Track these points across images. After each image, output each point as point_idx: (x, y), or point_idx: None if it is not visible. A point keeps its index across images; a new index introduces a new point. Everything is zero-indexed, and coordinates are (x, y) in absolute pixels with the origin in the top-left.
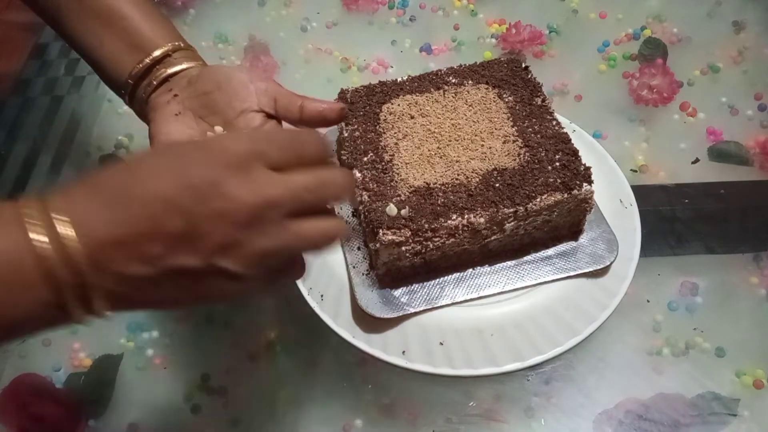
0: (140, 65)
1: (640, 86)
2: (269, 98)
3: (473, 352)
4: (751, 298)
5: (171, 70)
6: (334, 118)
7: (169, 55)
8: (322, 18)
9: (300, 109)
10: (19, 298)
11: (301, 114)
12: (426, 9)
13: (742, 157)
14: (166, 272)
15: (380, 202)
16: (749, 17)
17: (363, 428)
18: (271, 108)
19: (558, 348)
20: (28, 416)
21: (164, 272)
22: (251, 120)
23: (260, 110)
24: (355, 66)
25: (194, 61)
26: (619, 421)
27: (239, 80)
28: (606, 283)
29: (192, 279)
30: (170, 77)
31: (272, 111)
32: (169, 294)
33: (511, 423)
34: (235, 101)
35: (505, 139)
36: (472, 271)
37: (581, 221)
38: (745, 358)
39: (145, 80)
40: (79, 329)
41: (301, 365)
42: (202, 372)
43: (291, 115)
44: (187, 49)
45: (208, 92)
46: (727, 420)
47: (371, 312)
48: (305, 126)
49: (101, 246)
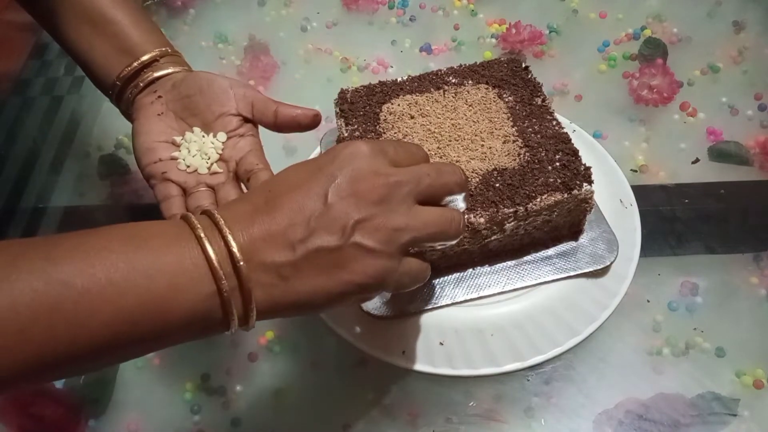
0: (129, 68)
1: (640, 86)
2: (247, 103)
3: (473, 352)
4: (751, 298)
5: (157, 73)
6: (308, 124)
7: (156, 60)
8: (322, 18)
9: (275, 113)
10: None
11: (276, 119)
12: (426, 9)
13: (742, 157)
14: (307, 254)
15: None
16: (749, 17)
17: (363, 428)
18: (248, 112)
19: (558, 348)
20: (28, 416)
21: (306, 254)
22: (228, 122)
23: (238, 114)
24: (355, 66)
25: (180, 66)
26: (619, 421)
27: (220, 85)
28: (606, 283)
29: (332, 259)
30: (156, 80)
31: (249, 115)
32: (315, 281)
33: (511, 423)
34: (214, 105)
35: (505, 139)
36: (472, 271)
37: (581, 221)
38: (745, 358)
39: (132, 82)
40: None
41: (301, 365)
42: (202, 372)
43: (266, 119)
44: (174, 55)
45: (190, 95)
46: (727, 420)
47: (371, 312)
48: (280, 131)
49: (253, 241)
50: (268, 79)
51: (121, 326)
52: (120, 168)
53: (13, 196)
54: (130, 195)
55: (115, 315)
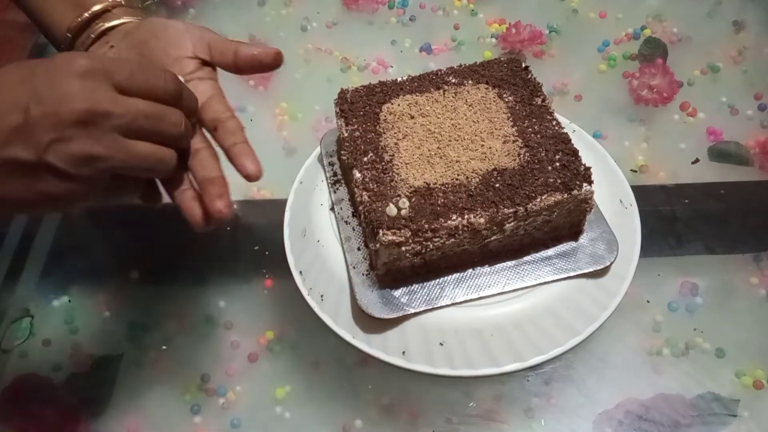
0: (79, 19)
1: (640, 86)
2: (204, 45)
3: (473, 353)
4: (751, 298)
5: (109, 24)
6: (270, 63)
7: (108, 11)
8: (322, 18)
9: (234, 54)
10: None
11: (236, 59)
12: (426, 9)
13: (742, 157)
14: (1, 163)
15: (380, 202)
16: (749, 17)
17: (363, 428)
18: (206, 54)
19: (558, 348)
20: (28, 416)
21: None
22: (185, 66)
23: (195, 56)
24: (355, 66)
25: (133, 16)
26: (619, 421)
27: (175, 28)
28: (606, 284)
29: (27, 173)
30: (108, 31)
31: (207, 57)
32: (9, 188)
33: (511, 423)
34: (170, 48)
35: (505, 139)
36: (472, 272)
37: (581, 221)
38: (745, 358)
39: (83, 34)
40: (79, 329)
41: (301, 365)
42: (202, 372)
43: (226, 60)
44: (128, 7)
45: (144, 41)
46: (727, 420)
47: (371, 312)
48: (241, 73)
49: None
50: (268, 79)
51: None
52: None
53: None
54: None
55: None
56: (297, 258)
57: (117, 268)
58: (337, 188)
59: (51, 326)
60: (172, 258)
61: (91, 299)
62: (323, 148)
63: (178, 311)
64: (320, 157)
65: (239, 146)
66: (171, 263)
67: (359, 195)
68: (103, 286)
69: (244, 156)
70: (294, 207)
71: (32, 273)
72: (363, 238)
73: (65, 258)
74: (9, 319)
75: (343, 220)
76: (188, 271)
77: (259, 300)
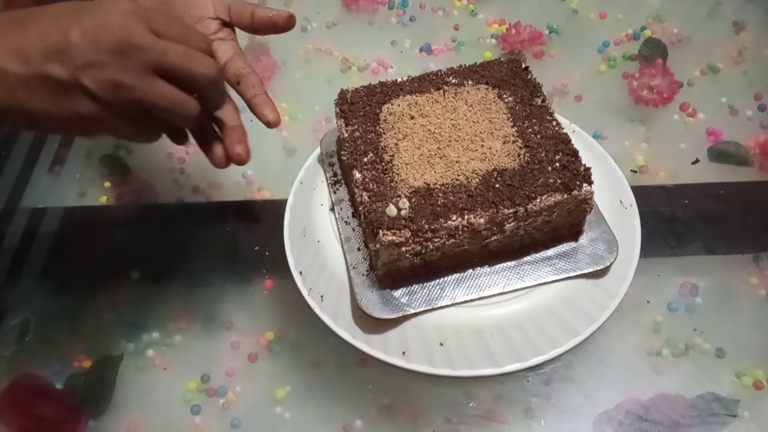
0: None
1: (640, 86)
2: (224, 6)
3: (473, 353)
4: (751, 298)
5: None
6: (283, 24)
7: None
8: (322, 18)
9: (251, 15)
10: None
11: (252, 20)
12: (426, 9)
13: (742, 158)
14: (37, 76)
15: (380, 202)
16: (749, 17)
17: (363, 428)
18: (225, 15)
19: (558, 348)
20: (28, 416)
21: (36, 75)
22: (207, 26)
23: (216, 17)
24: (355, 66)
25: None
26: (619, 421)
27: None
28: (606, 284)
29: (59, 91)
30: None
31: (227, 18)
32: (41, 104)
33: (511, 424)
34: (192, 9)
35: (505, 139)
36: (472, 272)
37: (581, 222)
38: (745, 358)
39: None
40: (79, 329)
41: (301, 365)
42: (202, 372)
43: (243, 21)
44: None
45: (167, 1)
46: (727, 421)
47: (371, 313)
48: (257, 33)
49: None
50: (268, 80)
51: None
52: (120, 168)
53: (13, 196)
54: (130, 195)
55: None
56: (297, 258)
57: (117, 268)
58: (337, 188)
59: (51, 326)
60: (172, 258)
61: (91, 299)
62: (323, 149)
63: (178, 311)
64: (320, 157)
65: (260, 97)
66: (171, 263)
67: (359, 195)
68: (103, 286)
69: (264, 105)
70: (294, 207)
71: (32, 273)
72: (363, 239)
73: (65, 258)
74: (9, 319)
75: (343, 220)
76: (188, 271)
77: (259, 300)
